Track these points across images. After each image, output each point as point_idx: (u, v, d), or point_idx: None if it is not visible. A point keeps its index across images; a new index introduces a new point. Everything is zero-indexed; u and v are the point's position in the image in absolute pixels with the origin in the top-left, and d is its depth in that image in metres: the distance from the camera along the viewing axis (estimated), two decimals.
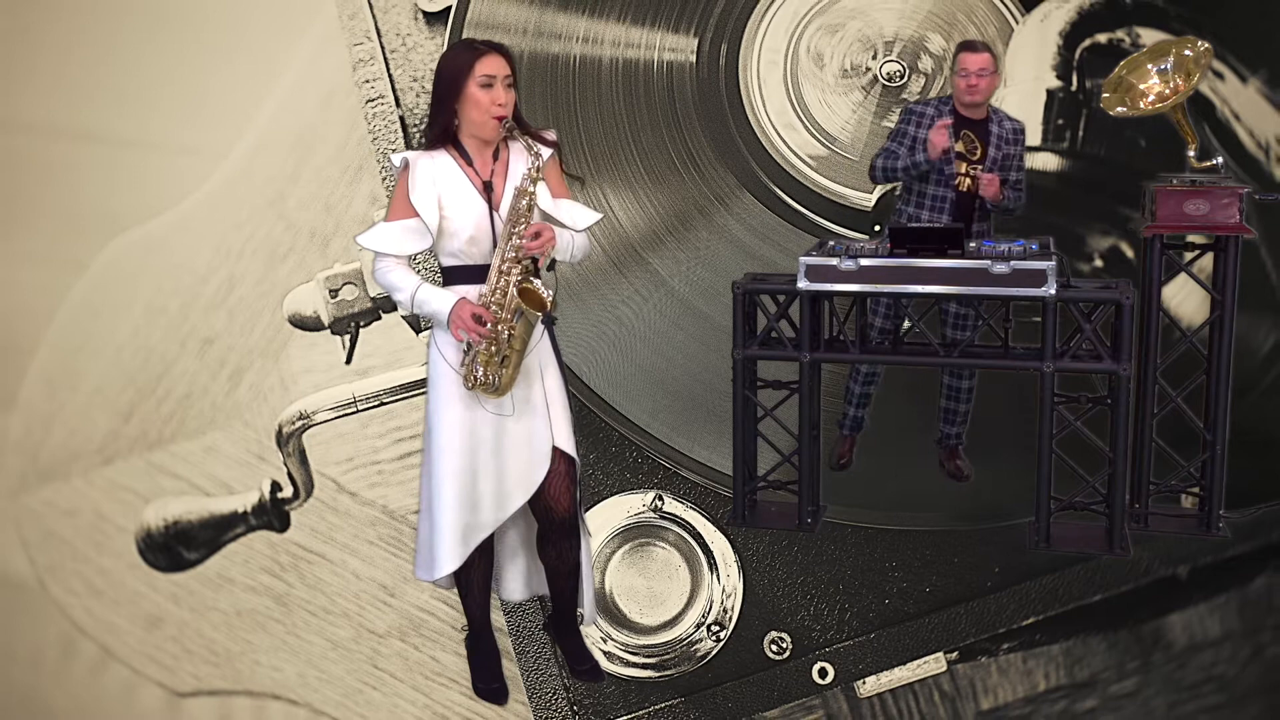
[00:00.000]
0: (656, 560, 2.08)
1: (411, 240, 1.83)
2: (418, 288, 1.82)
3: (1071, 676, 2.45)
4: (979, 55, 1.94)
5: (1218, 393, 1.84)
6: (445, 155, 1.84)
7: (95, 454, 2.78)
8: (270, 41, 2.98)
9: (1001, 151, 1.95)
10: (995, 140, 1.95)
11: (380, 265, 1.85)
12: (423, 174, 1.82)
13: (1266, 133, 2.13)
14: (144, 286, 2.86)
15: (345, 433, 2.67)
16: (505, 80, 1.82)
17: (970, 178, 1.95)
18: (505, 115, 1.81)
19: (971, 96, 1.94)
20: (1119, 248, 2.10)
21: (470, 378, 1.81)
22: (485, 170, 1.84)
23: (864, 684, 2.08)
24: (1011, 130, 1.97)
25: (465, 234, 1.81)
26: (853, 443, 2.05)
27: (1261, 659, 2.46)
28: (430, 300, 1.82)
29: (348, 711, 2.61)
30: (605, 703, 2.08)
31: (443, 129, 1.84)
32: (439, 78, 1.84)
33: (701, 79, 2.20)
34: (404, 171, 1.83)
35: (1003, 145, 1.95)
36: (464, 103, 1.82)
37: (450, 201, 1.82)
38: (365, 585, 2.64)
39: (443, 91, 1.83)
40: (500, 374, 1.81)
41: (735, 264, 2.10)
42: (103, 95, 3.07)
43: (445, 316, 1.80)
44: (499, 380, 1.81)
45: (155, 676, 2.69)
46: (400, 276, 1.84)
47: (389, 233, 1.83)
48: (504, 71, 1.82)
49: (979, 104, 1.95)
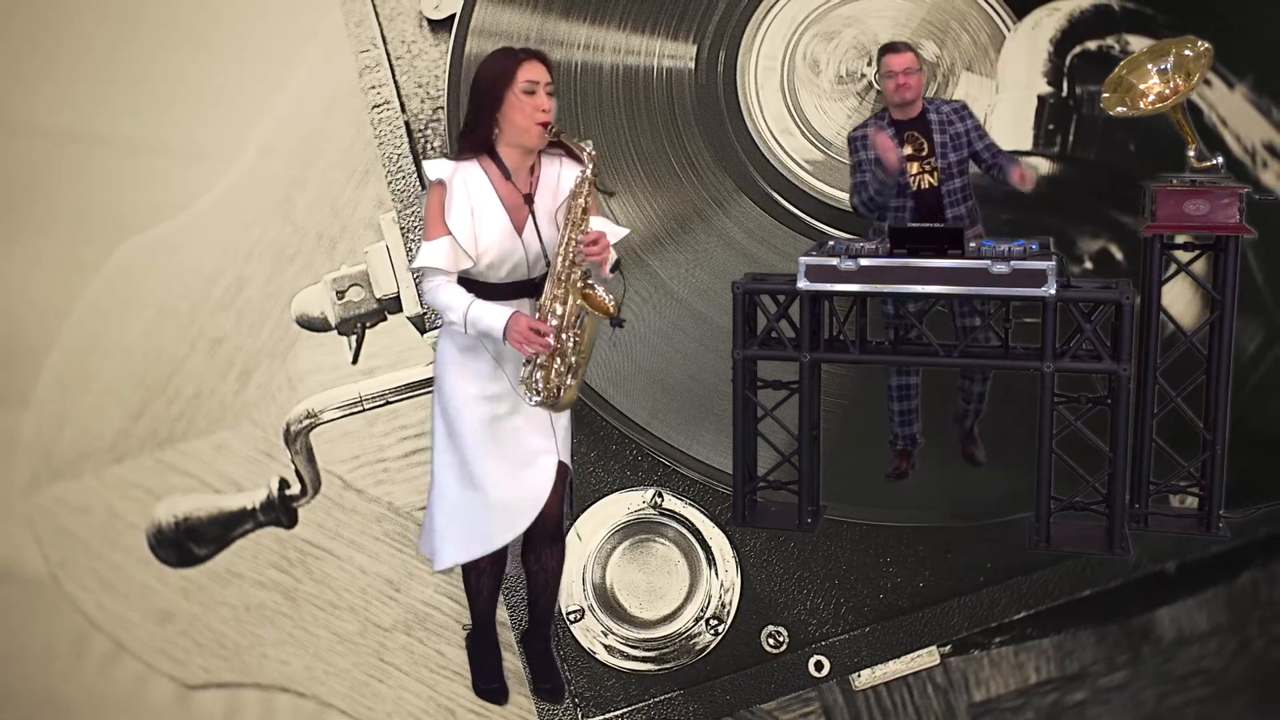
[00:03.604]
0: (656, 556, 2.03)
1: (460, 257, 1.70)
2: (469, 305, 1.68)
3: (1062, 669, 2.43)
4: (902, 55, 1.86)
5: (1217, 393, 1.77)
6: (477, 167, 1.71)
7: (106, 452, 2.75)
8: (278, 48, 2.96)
9: (949, 132, 1.88)
10: (938, 126, 1.88)
11: (429, 285, 1.72)
12: (458, 190, 1.70)
13: (1253, 138, 2.08)
14: (154, 288, 2.84)
15: (351, 431, 2.64)
16: (547, 87, 1.70)
17: (929, 173, 1.87)
18: (550, 121, 1.69)
19: (902, 95, 1.86)
20: (1108, 250, 2.05)
21: (531, 391, 1.70)
22: (524, 184, 1.72)
23: (859, 677, 2.02)
24: (951, 110, 1.89)
25: (495, 250, 1.70)
26: (907, 456, 1.97)
27: (1248, 652, 2.44)
28: (484, 317, 1.68)
29: (354, 704, 2.57)
30: (605, 695, 2.03)
31: (483, 139, 1.71)
32: (478, 86, 1.71)
33: (700, 85, 2.16)
34: (438, 187, 1.70)
35: (948, 127, 1.88)
36: (506, 110, 1.69)
37: (482, 219, 1.70)
38: (371, 580, 2.61)
39: (483, 99, 1.70)
40: (564, 385, 1.70)
41: (733, 266, 2.05)
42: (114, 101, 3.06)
43: (500, 331, 1.67)
44: (562, 392, 1.70)
45: (166, 669, 2.65)
46: (451, 295, 1.70)
47: (437, 250, 1.69)
48: (546, 78, 1.70)
49: (911, 101, 1.87)
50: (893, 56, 1.87)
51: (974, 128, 1.89)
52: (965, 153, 1.88)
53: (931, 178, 1.88)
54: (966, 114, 1.90)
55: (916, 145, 1.88)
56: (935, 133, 1.88)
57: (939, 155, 1.87)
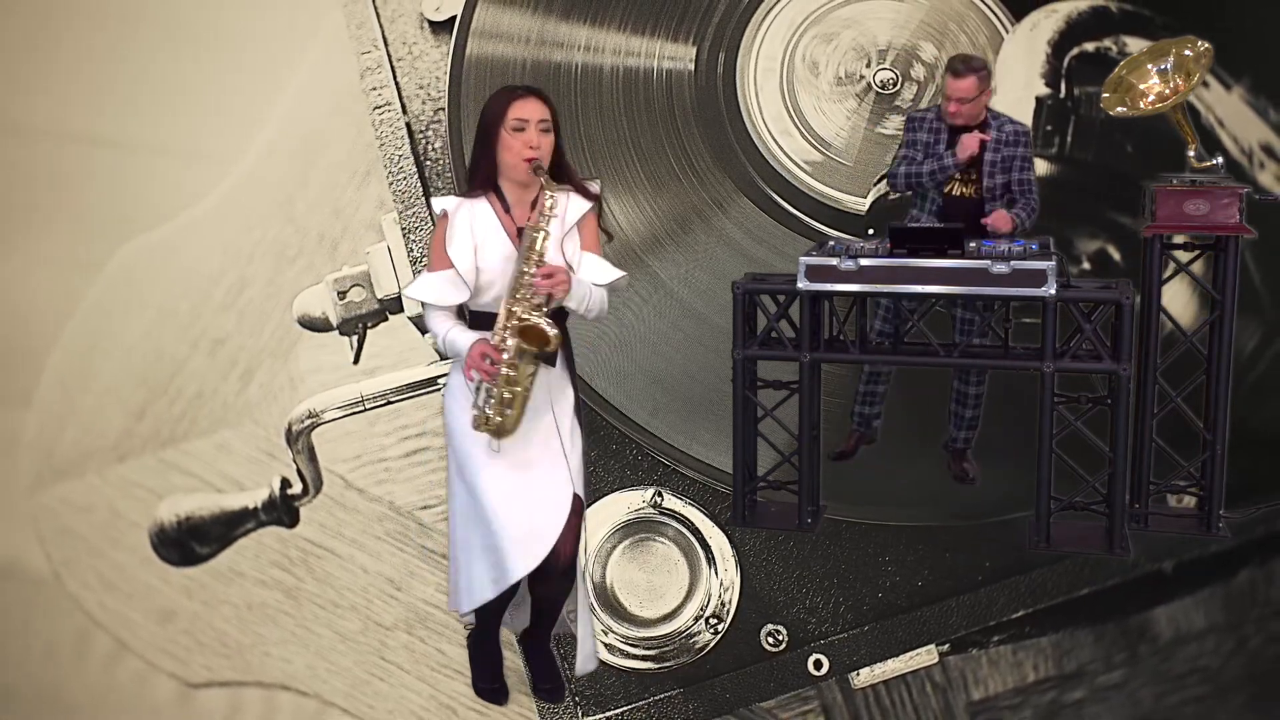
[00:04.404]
0: (656, 555, 2.01)
1: (452, 291, 1.71)
2: (448, 331, 1.72)
3: (1060, 668, 2.42)
4: (961, 81, 1.81)
5: (1217, 393, 1.75)
6: (484, 203, 1.73)
7: (109, 452, 2.74)
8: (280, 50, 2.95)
9: (1000, 154, 1.84)
10: (993, 145, 1.84)
11: (426, 312, 1.75)
12: (461, 223, 1.71)
13: (1250, 139, 2.08)
14: (156, 289, 2.83)
15: (353, 431, 2.62)
16: (540, 124, 1.70)
17: (964, 183, 1.85)
18: (535, 158, 1.69)
19: (953, 121, 1.84)
20: (1106, 250, 2.03)
21: (480, 419, 1.70)
22: (521, 218, 1.72)
23: (858, 675, 2.01)
24: (1012, 133, 1.85)
25: (500, 280, 1.70)
26: (859, 438, 1.96)
27: (1245, 651, 2.42)
28: (456, 342, 1.70)
29: (356, 702, 2.55)
30: (606, 693, 2.01)
31: (485, 175, 1.73)
32: (479, 124, 1.74)
33: (700, 87, 2.15)
34: (442, 220, 1.73)
35: (1001, 148, 1.84)
36: (500, 147, 1.71)
37: (485, 251, 1.71)
38: (373, 579, 2.59)
39: (482, 136, 1.73)
40: (504, 414, 1.69)
41: (732, 267, 2.04)
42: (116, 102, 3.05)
43: (464, 357, 1.69)
44: (504, 421, 1.69)
45: (168, 668, 2.63)
46: (435, 321, 1.73)
47: (430, 284, 1.72)
48: (539, 115, 1.70)
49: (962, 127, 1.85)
50: (953, 81, 1.82)
51: (1024, 156, 1.84)
52: (1009, 177, 1.84)
53: (966, 189, 1.85)
54: (1024, 139, 1.85)
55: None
56: (988, 149, 1.84)
57: (985, 174, 1.84)
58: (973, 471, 1.93)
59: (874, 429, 1.96)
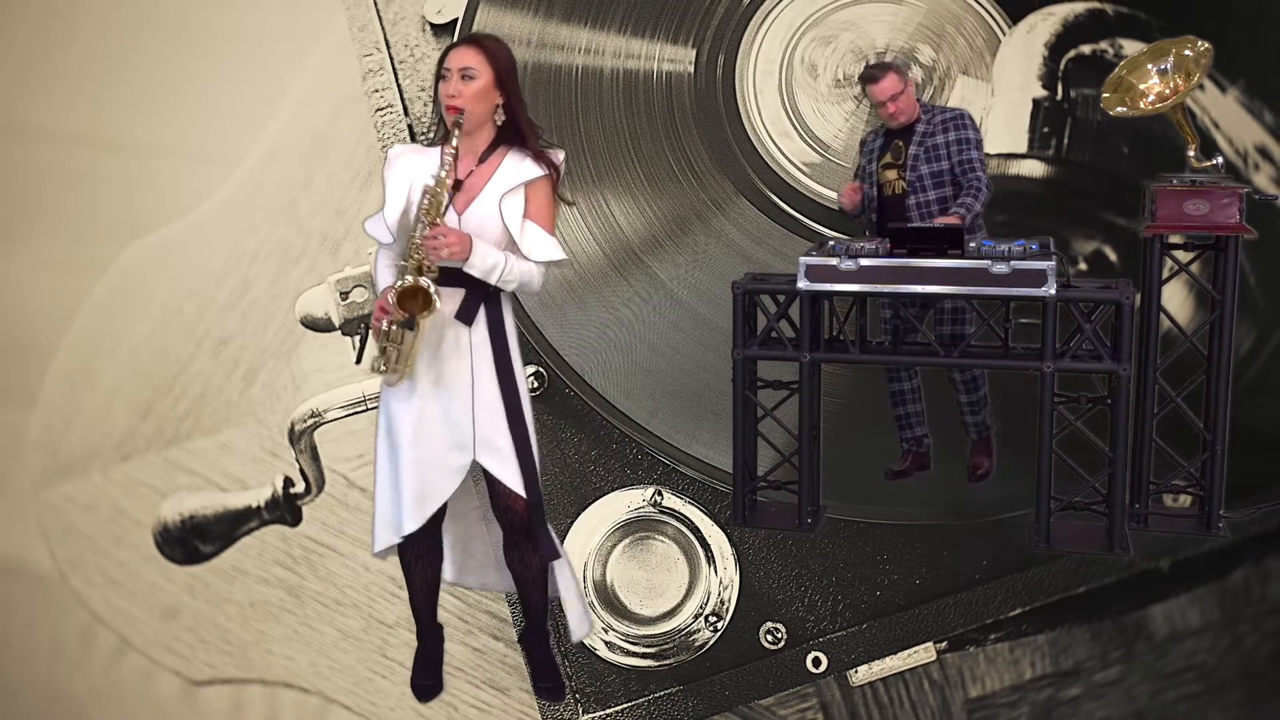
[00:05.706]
0: (656, 553, 2.00)
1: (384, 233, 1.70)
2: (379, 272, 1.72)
3: (1057, 665, 2.41)
4: (881, 83, 1.84)
5: (1217, 393, 1.73)
6: (436, 151, 1.71)
7: (113, 451, 2.72)
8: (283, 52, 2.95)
9: (928, 144, 1.84)
10: (919, 137, 1.85)
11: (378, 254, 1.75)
12: (399, 171, 1.70)
13: (1245, 141, 2.05)
14: (160, 289, 2.80)
15: (355, 430, 2.54)
16: (461, 71, 1.68)
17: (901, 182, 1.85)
18: (456, 107, 1.67)
19: (896, 121, 1.86)
20: (1103, 251, 2.01)
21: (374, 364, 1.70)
22: (464, 170, 1.70)
23: (856, 673, 2.00)
24: (943, 120, 1.85)
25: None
26: (914, 459, 1.93)
27: (1240, 648, 2.41)
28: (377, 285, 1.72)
29: (358, 699, 2.54)
30: (606, 690, 2.01)
31: (442, 127, 1.72)
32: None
33: (699, 89, 2.13)
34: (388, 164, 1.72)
35: (927, 139, 1.84)
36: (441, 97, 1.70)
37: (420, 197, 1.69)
38: (375, 577, 2.57)
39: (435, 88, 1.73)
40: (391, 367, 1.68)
41: (732, 267, 2.02)
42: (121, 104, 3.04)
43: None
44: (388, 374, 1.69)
45: (171, 665, 2.61)
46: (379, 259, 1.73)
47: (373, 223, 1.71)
48: (460, 63, 1.68)
49: (906, 124, 1.86)
50: (873, 87, 1.84)
51: (956, 140, 1.84)
52: (945, 164, 1.84)
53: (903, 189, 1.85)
54: (959, 125, 1.85)
55: (897, 153, 1.86)
56: (913, 144, 1.84)
57: (909, 168, 1.84)
58: (983, 469, 1.90)
59: (926, 447, 1.93)
